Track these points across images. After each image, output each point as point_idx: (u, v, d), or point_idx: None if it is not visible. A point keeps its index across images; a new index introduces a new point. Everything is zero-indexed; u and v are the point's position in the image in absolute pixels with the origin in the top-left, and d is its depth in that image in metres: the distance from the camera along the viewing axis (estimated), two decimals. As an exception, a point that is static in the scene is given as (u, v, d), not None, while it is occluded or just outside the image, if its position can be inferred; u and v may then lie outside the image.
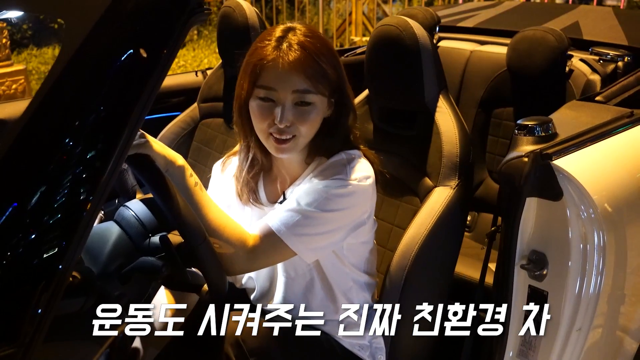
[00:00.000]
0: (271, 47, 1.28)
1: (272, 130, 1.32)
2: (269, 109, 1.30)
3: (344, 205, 1.36)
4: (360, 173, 1.38)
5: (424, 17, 2.69)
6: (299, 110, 1.31)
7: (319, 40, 1.31)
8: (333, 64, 1.32)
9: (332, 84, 1.34)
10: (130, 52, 0.95)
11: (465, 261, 2.10)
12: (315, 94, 1.30)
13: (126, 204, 1.36)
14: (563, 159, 1.45)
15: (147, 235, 1.32)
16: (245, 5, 2.33)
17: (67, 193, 0.92)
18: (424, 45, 1.63)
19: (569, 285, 1.48)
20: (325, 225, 1.35)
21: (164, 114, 2.78)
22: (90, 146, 0.94)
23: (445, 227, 1.60)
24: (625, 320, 1.69)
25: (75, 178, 0.93)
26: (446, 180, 1.64)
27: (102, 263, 1.26)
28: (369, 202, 1.42)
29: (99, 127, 0.95)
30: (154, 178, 1.22)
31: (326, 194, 1.33)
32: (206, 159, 2.49)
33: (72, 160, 0.93)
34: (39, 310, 0.86)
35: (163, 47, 0.96)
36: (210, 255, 1.26)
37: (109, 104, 0.96)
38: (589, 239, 1.46)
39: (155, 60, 0.96)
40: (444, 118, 1.68)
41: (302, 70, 1.27)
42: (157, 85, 0.97)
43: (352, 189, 1.36)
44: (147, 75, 0.94)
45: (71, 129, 0.94)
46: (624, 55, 2.27)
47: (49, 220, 0.90)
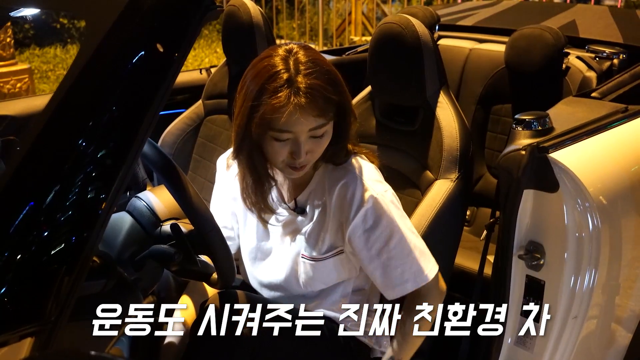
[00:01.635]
0: (283, 93, 1.25)
1: (288, 162, 1.34)
2: (285, 146, 1.31)
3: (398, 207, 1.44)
4: (372, 175, 1.44)
5: (424, 16, 2.74)
6: (314, 141, 1.33)
7: (321, 71, 1.29)
8: (337, 89, 1.32)
9: (337, 105, 1.34)
10: (147, 49, 1.00)
11: (465, 253, 2.14)
12: (327, 124, 1.33)
13: (138, 195, 1.42)
14: (559, 152, 1.49)
15: (159, 224, 1.37)
16: (250, 4, 2.38)
17: (88, 188, 0.97)
18: (425, 43, 1.68)
19: (566, 275, 1.52)
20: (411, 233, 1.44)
21: (169, 111, 2.82)
22: (105, 144, 0.99)
23: (445, 219, 1.65)
24: (619, 311, 1.73)
25: (90, 175, 0.98)
26: (447, 173, 1.69)
27: (116, 250, 1.31)
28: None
29: (118, 124, 1.00)
30: (165, 167, 1.27)
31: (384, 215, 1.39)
32: (211, 155, 2.53)
33: (85, 159, 0.98)
34: (64, 292, 0.91)
35: (179, 43, 1.01)
36: (220, 242, 1.30)
37: (127, 101, 1.01)
38: (584, 230, 1.50)
39: (171, 56, 1.01)
40: (445, 113, 1.73)
41: (316, 110, 1.28)
42: (172, 80, 1.02)
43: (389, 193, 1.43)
44: (165, 70, 0.99)
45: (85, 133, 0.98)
46: (619, 53, 2.33)
47: (71, 213, 0.96)
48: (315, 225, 1.45)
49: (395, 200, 1.44)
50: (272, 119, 1.26)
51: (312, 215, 1.46)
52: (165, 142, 2.60)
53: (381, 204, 1.39)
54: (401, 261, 1.41)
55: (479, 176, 2.53)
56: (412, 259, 1.41)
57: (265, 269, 1.54)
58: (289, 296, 1.52)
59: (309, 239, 1.46)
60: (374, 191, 1.39)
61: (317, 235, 1.45)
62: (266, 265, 1.54)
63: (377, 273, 1.42)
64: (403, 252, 1.41)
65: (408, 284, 1.42)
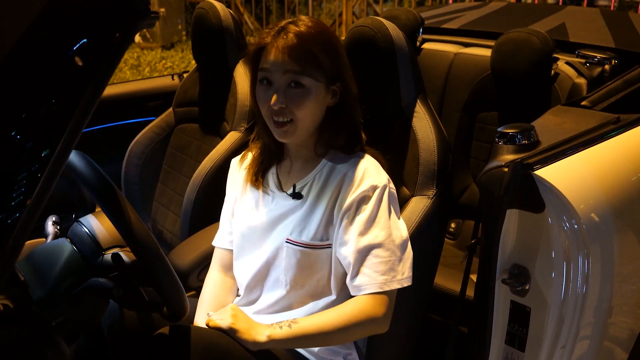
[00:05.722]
0: (271, 34, 1.36)
1: (272, 113, 1.37)
2: (267, 92, 1.37)
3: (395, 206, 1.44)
4: (378, 169, 1.45)
5: (406, 19, 2.61)
6: (293, 92, 1.35)
7: (316, 29, 1.36)
8: (327, 50, 1.36)
9: (328, 71, 1.37)
10: (64, 61, 0.87)
11: (446, 272, 2.03)
12: (307, 77, 1.34)
13: (80, 219, 1.29)
14: (545, 169, 1.38)
15: (101, 253, 1.25)
16: (220, 6, 2.25)
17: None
18: (399, 47, 1.56)
19: (553, 302, 1.42)
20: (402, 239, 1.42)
21: (139, 119, 2.70)
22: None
23: (422, 239, 1.53)
24: (615, 330, 1.63)
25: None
26: (423, 189, 1.57)
27: (51, 283, 1.18)
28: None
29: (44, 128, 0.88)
30: (101, 188, 1.14)
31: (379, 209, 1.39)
32: (181, 166, 2.41)
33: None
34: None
35: (102, 55, 0.88)
36: (166, 272, 1.18)
37: (52, 108, 0.88)
38: (572, 252, 1.40)
39: (92, 70, 0.87)
40: (422, 124, 1.61)
41: (294, 54, 1.33)
42: (96, 95, 0.88)
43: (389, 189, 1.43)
44: (82, 88, 0.85)
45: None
46: (611, 58, 2.20)
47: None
48: (307, 209, 1.44)
49: (394, 199, 1.44)
50: (255, 55, 1.38)
51: (307, 200, 1.45)
52: (133, 153, 2.47)
53: (380, 195, 1.40)
54: (378, 257, 1.38)
55: (464, 187, 2.42)
56: (388, 260, 1.38)
57: (249, 259, 1.53)
58: (266, 301, 1.49)
59: (298, 222, 1.44)
60: (377, 181, 1.40)
61: (307, 220, 1.43)
62: (250, 255, 1.53)
63: (349, 259, 1.39)
64: (384, 248, 1.38)
65: (373, 281, 1.38)
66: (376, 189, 1.39)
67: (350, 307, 1.37)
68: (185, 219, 2.12)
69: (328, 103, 1.41)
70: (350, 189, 1.40)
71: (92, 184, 1.14)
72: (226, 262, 1.61)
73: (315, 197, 1.44)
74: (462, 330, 1.71)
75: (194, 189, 2.11)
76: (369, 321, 1.36)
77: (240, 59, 2.29)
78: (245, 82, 2.23)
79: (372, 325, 1.38)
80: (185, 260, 1.83)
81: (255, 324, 1.36)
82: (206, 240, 1.87)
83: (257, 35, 1.47)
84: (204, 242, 1.87)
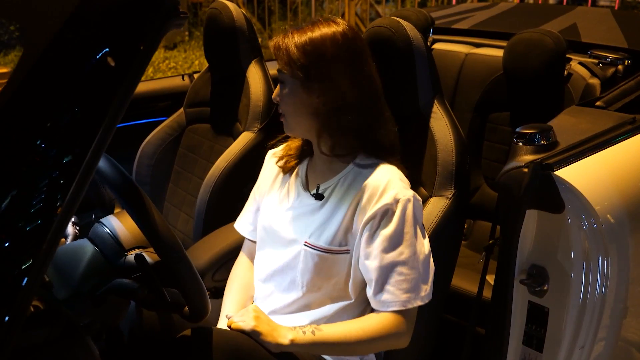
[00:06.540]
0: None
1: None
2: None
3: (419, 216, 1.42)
4: (403, 181, 1.42)
5: (417, 19, 2.61)
6: (281, 89, 1.41)
7: (313, 29, 1.37)
8: (304, 48, 1.35)
9: (303, 68, 1.35)
10: (96, 61, 0.87)
11: (462, 273, 2.02)
12: (283, 73, 1.39)
13: (101, 220, 1.29)
14: (564, 170, 1.38)
15: (123, 253, 1.25)
16: (232, 6, 2.25)
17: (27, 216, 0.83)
18: (417, 48, 1.56)
19: (571, 302, 1.42)
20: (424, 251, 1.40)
21: (150, 119, 2.70)
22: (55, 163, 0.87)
23: (440, 240, 1.53)
24: (629, 331, 1.63)
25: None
26: (441, 190, 1.57)
27: (74, 284, 1.18)
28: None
29: (67, 135, 0.88)
30: (125, 188, 1.14)
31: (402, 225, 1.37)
32: (193, 167, 2.41)
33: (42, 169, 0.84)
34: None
35: (132, 57, 0.88)
36: (189, 273, 1.18)
37: (76, 115, 0.88)
38: (591, 253, 1.40)
39: (124, 69, 0.87)
40: (439, 124, 1.61)
41: (276, 51, 1.38)
42: (126, 97, 0.88)
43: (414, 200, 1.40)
44: (115, 87, 0.85)
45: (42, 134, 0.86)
46: (624, 58, 2.20)
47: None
48: (327, 213, 1.43)
49: (419, 212, 1.41)
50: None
51: (328, 202, 1.44)
52: (144, 153, 2.47)
53: (405, 209, 1.37)
54: (402, 275, 1.36)
55: (475, 187, 2.41)
56: (412, 278, 1.37)
57: (268, 254, 1.54)
58: (282, 301, 1.49)
59: (318, 225, 1.43)
60: (402, 194, 1.37)
61: (327, 224, 1.42)
62: (269, 250, 1.54)
63: (372, 275, 1.38)
64: (408, 265, 1.36)
65: (396, 299, 1.37)
66: (400, 202, 1.36)
67: (374, 321, 1.38)
68: (199, 219, 2.12)
69: (314, 102, 1.37)
70: (372, 199, 1.37)
71: (116, 184, 1.14)
72: (252, 252, 1.64)
73: (337, 201, 1.43)
74: (479, 331, 1.71)
75: (207, 189, 2.11)
76: (391, 336, 1.37)
77: (253, 59, 2.29)
78: (258, 82, 2.23)
79: (394, 340, 1.39)
80: (201, 260, 1.83)
81: (277, 326, 1.36)
82: (221, 240, 1.87)
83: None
84: (219, 243, 1.87)
